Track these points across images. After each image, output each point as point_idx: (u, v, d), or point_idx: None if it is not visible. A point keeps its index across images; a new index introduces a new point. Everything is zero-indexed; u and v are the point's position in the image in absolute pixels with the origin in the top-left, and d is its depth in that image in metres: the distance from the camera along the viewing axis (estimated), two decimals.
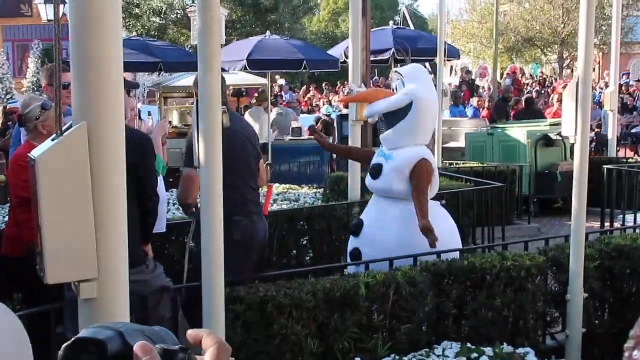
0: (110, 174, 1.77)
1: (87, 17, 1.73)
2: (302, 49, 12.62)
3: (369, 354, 4.20)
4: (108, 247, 1.77)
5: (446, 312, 4.65)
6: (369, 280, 4.33)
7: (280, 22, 32.28)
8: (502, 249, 5.19)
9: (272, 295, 4.08)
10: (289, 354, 4.07)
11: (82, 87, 1.75)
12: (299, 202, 9.46)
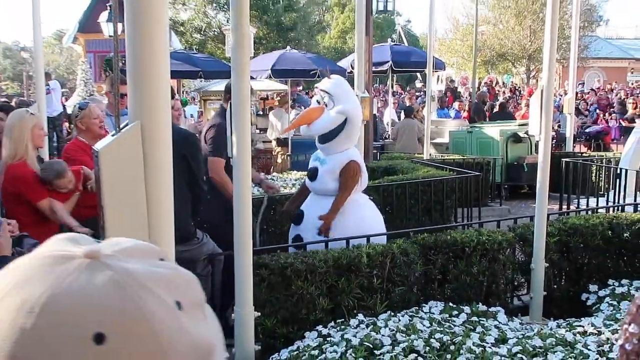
0: (159, 164, 1.75)
1: (142, 34, 1.71)
2: (316, 61, 12.53)
3: (370, 310, 4.19)
4: (157, 225, 1.76)
5: (432, 278, 4.63)
6: (370, 251, 4.31)
7: (298, 39, 32.19)
8: (478, 227, 5.14)
9: (291, 262, 4.07)
10: (304, 310, 4.06)
11: (137, 92, 1.72)
12: None
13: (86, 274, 0.56)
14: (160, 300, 0.58)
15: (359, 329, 3.84)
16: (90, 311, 0.55)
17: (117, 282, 0.57)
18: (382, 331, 3.74)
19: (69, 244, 0.61)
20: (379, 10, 11.72)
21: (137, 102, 1.72)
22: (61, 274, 0.56)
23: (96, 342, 0.54)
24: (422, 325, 3.85)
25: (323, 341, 3.73)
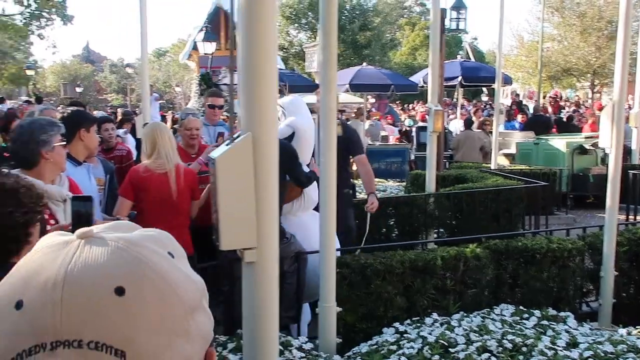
0: (267, 171, 1.79)
1: (254, 54, 1.75)
2: (391, 76, 12.51)
3: (443, 310, 4.13)
4: (264, 225, 1.79)
5: (503, 281, 4.51)
6: (444, 254, 4.25)
7: (372, 56, 32.16)
8: (548, 234, 4.98)
9: (370, 263, 4.06)
10: (382, 307, 4.05)
11: (249, 107, 1.77)
12: (385, 192, 9.39)
13: (87, 248, 0.62)
14: (156, 252, 0.65)
15: (434, 327, 3.79)
16: (105, 272, 0.60)
17: (116, 247, 0.63)
18: (456, 330, 3.67)
19: (60, 235, 0.67)
20: (451, 29, 11.53)
21: (249, 115, 1.76)
22: (67, 253, 0.61)
23: (118, 294, 0.59)
24: (494, 327, 3.76)
25: (400, 337, 3.70)
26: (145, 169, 4.04)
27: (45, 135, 2.75)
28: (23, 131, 2.75)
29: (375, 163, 12.00)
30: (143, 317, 0.60)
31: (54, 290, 0.59)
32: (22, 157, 2.69)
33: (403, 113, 23.87)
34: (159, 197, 3.99)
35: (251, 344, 1.86)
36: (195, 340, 0.65)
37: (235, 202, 1.73)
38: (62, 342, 0.58)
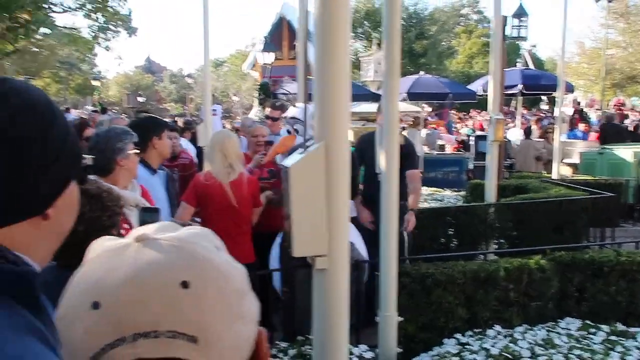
0: (339, 178, 1.81)
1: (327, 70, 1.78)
2: (449, 85, 12.41)
3: (506, 322, 4.05)
4: (336, 232, 1.81)
5: (569, 295, 4.38)
6: (507, 265, 4.17)
7: (428, 64, 31.94)
8: (616, 247, 4.81)
9: (431, 272, 4.03)
10: (443, 318, 4.00)
11: (322, 116, 1.80)
12: (443, 202, 9.29)
13: (146, 250, 0.68)
14: (206, 247, 0.71)
15: (496, 339, 3.72)
16: (168, 269, 0.67)
17: (171, 246, 0.69)
18: (520, 343, 3.60)
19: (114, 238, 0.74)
20: (512, 37, 11.33)
21: (322, 125, 1.80)
22: (130, 255, 0.68)
23: (184, 287, 0.66)
24: (560, 341, 3.66)
25: (462, 349, 3.65)
26: (209, 177, 4.11)
27: (121, 144, 2.87)
28: (100, 139, 2.88)
29: (432, 172, 11.90)
30: (207, 305, 0.66)
31: (127, 290, 0.65)
32: (99, 164, 2.81)
33: (460, 122, 23.55)
34: (221, 205, 4.06)
35: (321, 350, 1.88)
36: (249, 322, 0.72)
37: (307, 210, 1.77)
38: (141, 334, 0.64)
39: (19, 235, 0.91)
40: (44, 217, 0.94)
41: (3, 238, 0.89)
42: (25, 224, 0.91)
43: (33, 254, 0.94)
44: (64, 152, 0.96)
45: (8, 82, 0.92)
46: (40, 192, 0.92)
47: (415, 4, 36.48)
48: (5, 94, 0.89)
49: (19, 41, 18.04)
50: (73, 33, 20.39)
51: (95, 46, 20.74)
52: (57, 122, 0.95)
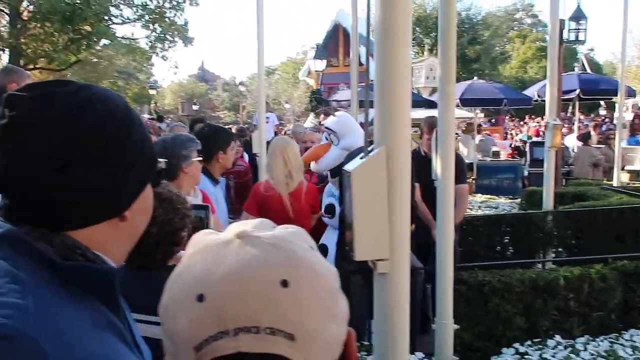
0: (401, 184, 1.82)
1: (388, 70, 1.80)
2: (503, 90, 12.19)
3: (566, 333, 3.95)
4: (397, 236, 1.82)
5: (632, 305, 4.24)
6: (567, 274, 4.07)
7: (481, 69, 31.47)
8: None
9: (488, 280, 3.97)
10: (501, 327, 3.93)
11: (383, 120, 1.81)
12: (497, 209, 9.12)
13: (248, 247, 0.71)
14: (302, 247, 0.73)
15: (557, 350, 3.64)
16: (269, 267, 0.69)
17: (271, 244, 0.71)
18: (582, 354, 3.51)
19: (213, 233, 0.77)
20: (569, 40, 11.06)
21: (382, 129, 1.81)
22: (232, 251, 0.70)
23: (284, 286, 0.68)
24: (625, 353, 3.55)
25: (521, 358, 3.58)
26: (268, 188, 4.09)
27: (186, 151, 2.94)
28: (167, 146, 2.96)
29: (486, 179, 11.70)
30: (304, 304, 0.69)
31: (231, 285, 0.68)
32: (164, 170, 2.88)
33: (514, 128, 23.09)
34: (279, 216, 3.96)
35: (382, 355, 1.89)
36: (340, 321, 0.74)
37: (369, 214, 1.78)
38: (242, 329, 0.67)
39: (97, 235, 0.96)
40: (122, 219, 0.99)
41: (83, 238, 0.94)
42: (105, 224, 0.97)
43: (109, 253, 0.99)
44: (142, 156, 1.00)
45: (90, 89, 0.97)
46: (120, 195, 0.97)
47: (468, 9, 36.03)
48: (89, 101, 0.94)
49: (81, 52, 18.74)
50: (131, 43, 21.05)
51: (152, 56, 21.32)
52: (135, 127, 0.99)
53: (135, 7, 19.28)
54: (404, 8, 1.80)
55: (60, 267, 0.89)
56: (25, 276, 0.85)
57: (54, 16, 16.28)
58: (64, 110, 0.90)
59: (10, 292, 0.82)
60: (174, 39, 20.07)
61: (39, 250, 0.88)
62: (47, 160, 0.88)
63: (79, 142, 0.90)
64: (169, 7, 19.43)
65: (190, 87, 58.26)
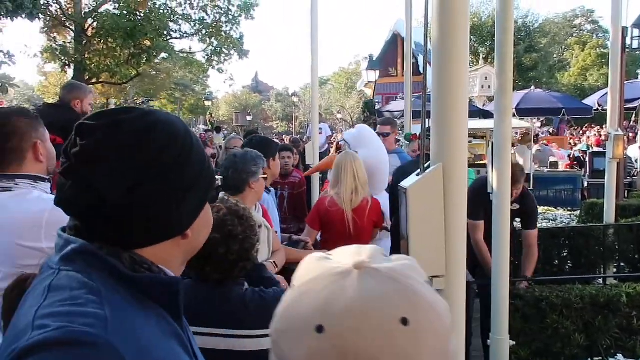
0: (457, 201, 1.82)
1: (445, 90, 1.81)
2: (562, 100, 11.89)
3: (629, 352, 3.82)
4: (453, 253, 1.82)
5: None
6: (630, 291, 3.94)
7: (538, 78, 30.75)
8: None
9: (546, 296, 3.89)
10: (559, 344, 3.84)
11: (440, 138, 1.82)
12: (555, 222, 8.90)
13: (367, 280, 0.70)
14: (420, 282, 0.73)
15: None
16: (389, 303, 0.69)
17: (390, 279, 0.71)
18: None
19: (326, 259, 0.77)
20: (632, 48, 10.72)
21: (439, 146, 1.82)
22: (352, 284, 0.70)
23: (403, 324, 0.68)
24: None
25: None
26: (332, 202, 4.05)
27: (255, 167, 3.01)
28: (237, 161, 3.03)
29: (544, 190, 11.43)
30: (423, 343, 0.69)
31: (352, 319, 0.69)
32: (232, 184, 2.96)
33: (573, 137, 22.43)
34: (340, 232, 3.98)
35: None
36: (452, 358, 0.74)
37: (425, 231, 1.79)
38: None
39: (161, 252, 1.02)
40: (184, 237, 1.04)
41: (148, 254, 1.01)
42: (168, 242, 1.02)
43: (171, 267, 1.05)
44: (201, 177, 1.06)
45: (154, 114, 1.03)
46: (183, 215, 1.03)
47: (525, 16, 35.32)
48: (154, 126, 1.00)
49: (141, 66, 19.39)
50: (189, 57, 21.64)
51: (208, 69, 21.85)
52: (194, 149, 1.05)
53: (193, 22, 19.85)
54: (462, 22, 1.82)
55: (131, 279, 0.95)
56: (100, 287, 0.91)
57: (116, 32, 16.94)
58: (131, 137, 0.97)
59: (88, 302, 0.88)
60: (230, 52, 20.53)
61: (110, 264, 0.94)
62: (116, 184, 0.94)
63: (145, 166, 0.96)
64: (225, 22, 19.92)
65: (244, 98, 59.26)
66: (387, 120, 6.78)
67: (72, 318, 0.85)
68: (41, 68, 26.62)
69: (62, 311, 0.86)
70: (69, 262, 0.95)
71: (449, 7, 1.81)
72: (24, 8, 7.95)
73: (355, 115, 34.46)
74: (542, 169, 12.43)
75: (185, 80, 35.77)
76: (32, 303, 0.91)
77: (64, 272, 0.94)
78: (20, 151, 1.88)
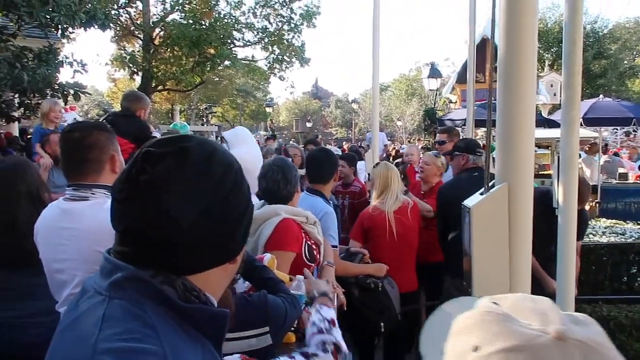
0: (522, 220, 1.80)
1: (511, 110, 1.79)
2: (633, 109, 11.39)
3: None
4: (517, 274, 1.80)
5: None
6: None
7: (607, 85, 29.62)
8: None
9: (614, 315, 3.76)
10: None
11: (506, 158, 1.81)
12: (624, 236, 8.53)
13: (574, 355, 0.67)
14: (613, 349, 0.71)
15: None
16: None
17: (596, 353, 0.68)
18: None
19: (511, 320, 0.70)
20: None
21: (504, 165, 1.80)
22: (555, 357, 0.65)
23: None
24: None
25: None
26: (374, 208, 4.29)
27: (297, 173, 3.12)
28: (293, 170, 3.15)
29: (612, 203, 11.00)
30: None
31: None
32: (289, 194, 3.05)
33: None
34: (384, 234, 4.19)
35: None
36: None
37: (488, 250, 1.78)
38: None
39: (211, 278, 1.03)
40: (233, 262, 1.06)
41: (198, 280, 1.01)
42: (218, 268, 1.04)
43: (216, 293, 1.06)
44: (250, 201, 1.08)
45: (208, 142, 1.05)
46: (236, 240, 1.05)
47: (594, 21, 34.13)
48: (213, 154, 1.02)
49: (205, 73, 19.91)
50: (251, 64, 22.06)
51: (270, 76, 22.21)
52: (242, 173, 1.07)
53: (256, 31, 20.24)
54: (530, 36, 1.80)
55: (183, 311, 0.96)
56: (154, 321, 0.92)
57: (182, 41, 17.48)
58: (199, 164, 0.99)
59: (145, 337, 0.89)
60: (292, 59, 20.81)
61: (163, 293, 0.95)
62: (189, 210, 0.95)
63: (212, 192, 0.98)
64: (288, 30, 20.22)
65: (304, 104, 59.76)
66: (446, 129, 6.69)
67: (133, 356, 0.86)
68: (110, 75, 27.70)
69: (123, 347, 0.87)
70: (119, 289, 0.95)
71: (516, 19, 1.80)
72: (96, 19, 8.32)
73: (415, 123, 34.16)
74: (611, 181, 11.97)
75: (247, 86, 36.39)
76: (86, 331, 0.91)
77: (117, 300, 0.94)
78: (99, 162, 2.00)
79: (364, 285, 3.62)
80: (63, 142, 2.02)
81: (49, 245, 2.03)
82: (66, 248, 1.95)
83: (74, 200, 1.98)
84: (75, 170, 1.99)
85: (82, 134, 2.00)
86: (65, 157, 2.02)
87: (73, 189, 1.99)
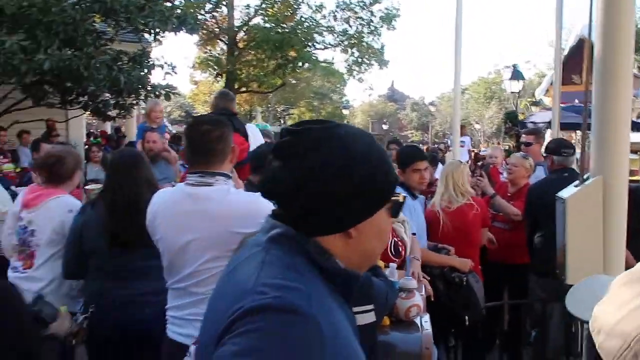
0: (616, 212, 1.87)
1: (607, 106, 1.86)
2: None
3: None
4: (610, 264, 1.87)
5: None
6: None
7: None
8: None
9: None
10: None
11: (601, 152, 1.88)
12: None
13: None
14: None
15: None
16: None
17: None
18: None
19: None
20: None
21: (599, 159, 1.88)
22: None
23: None
24: None
25: None
26: (432, 206, 4.41)
27: None
28: None
29: None
30: None
31: None
32: None
33: None
34: (437, 230, 4.24)
35: None
36: None
37: (583, 241, 1.86)
38: None
39: (331, 245, 1.16)
40: (348, 236, 1.18)
41: (328, 244, 1.15)
42: (337, 238, 1.16)
43: (344, 262, 1.19)
44: (369, 190, 1.17)
45: (340, 126, 1.19)
46: (346, 214, 1.15)
47: None
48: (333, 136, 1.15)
49: (286, 76, 20.38)
50: (329, 67, 22.36)
51: (349, 78, 22.44)
52: (365, 165, 1.16)
53: (336, 34, 20.51)
54: (626, 36, 1.86)
55: (326, 269, 1.12)
56: (302, 269, 1.10)
57: (265, 44, 18.00)
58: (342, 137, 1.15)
59: (295, 279, 1.06)
60: (371, 62, 20.95)
61: (307, 250, 1.12)
62: (320, 173, 1.10)
63: (329, 166, 1.11)
64: (368, 32, 20.37)
65: (380, 106, 59.60)
66: (532, 130, 6.65)
67: (285, 291, 1.03)
68: (192, 77, 28.76)
69: (277, 283, 1.04)
70: (275, 243, 1.13)
71: (613, 20, 1.87)
72: (186, 24, 8.77)
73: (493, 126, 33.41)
74: None
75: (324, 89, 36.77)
76: (248, 272, 1.09)
77: (273, 251, 1.12)
78: (224, 154, 2.25)
79: (449, 279, 3.71)
80: (192, 132, 2.27)
81: (173, 226, 2.23)
82: (195, 229, 2.16)
83: (199, 186, 2.22)
84: (202, 158, 2.24)
85: (211, 127, 2.24)
86: (193, 146, 2.26)
87: (199, 175, 2.22)
